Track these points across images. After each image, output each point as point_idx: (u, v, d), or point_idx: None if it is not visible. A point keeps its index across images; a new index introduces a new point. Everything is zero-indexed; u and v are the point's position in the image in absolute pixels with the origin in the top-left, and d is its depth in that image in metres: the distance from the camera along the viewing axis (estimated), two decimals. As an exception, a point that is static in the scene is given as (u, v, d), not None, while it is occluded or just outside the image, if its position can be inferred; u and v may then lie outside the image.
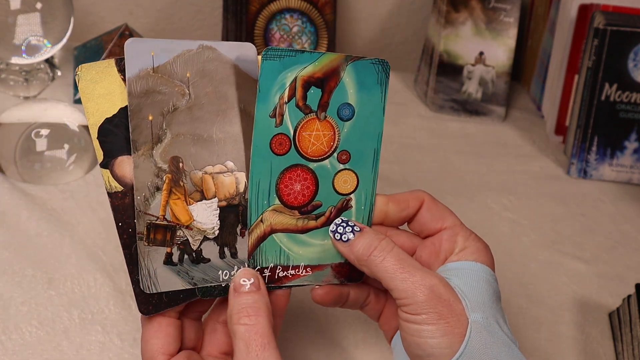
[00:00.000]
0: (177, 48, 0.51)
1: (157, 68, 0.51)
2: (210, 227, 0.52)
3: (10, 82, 0.93)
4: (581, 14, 0.97)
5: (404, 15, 1.17)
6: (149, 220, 0.51)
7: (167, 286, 0.51)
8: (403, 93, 1.10)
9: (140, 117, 0.51)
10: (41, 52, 0.90)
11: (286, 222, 0.54)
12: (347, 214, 0.55)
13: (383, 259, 0.51)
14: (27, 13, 0.88)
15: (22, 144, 0.79)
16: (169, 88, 0.51)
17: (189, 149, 0.52)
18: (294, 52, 0.52)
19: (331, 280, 0.55)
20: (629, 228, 0.86)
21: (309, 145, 0.53)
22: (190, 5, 1.12)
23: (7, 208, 0.75)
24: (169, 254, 0.52)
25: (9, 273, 0.68)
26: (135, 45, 0.51)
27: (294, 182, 0.53)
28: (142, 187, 0.51)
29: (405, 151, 0.96)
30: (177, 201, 0.52)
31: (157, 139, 0.51)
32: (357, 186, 0.55)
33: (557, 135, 1.02)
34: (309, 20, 1.03)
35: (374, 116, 0.55)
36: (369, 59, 0.54)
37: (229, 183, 0.53)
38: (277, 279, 0.54)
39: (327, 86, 0.53)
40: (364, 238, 0.52)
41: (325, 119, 0.54)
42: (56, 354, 0.61)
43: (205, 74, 0.52)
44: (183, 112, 0.52)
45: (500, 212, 0.86)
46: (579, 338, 0.70)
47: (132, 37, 0.95)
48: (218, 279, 0.53)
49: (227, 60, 0.52)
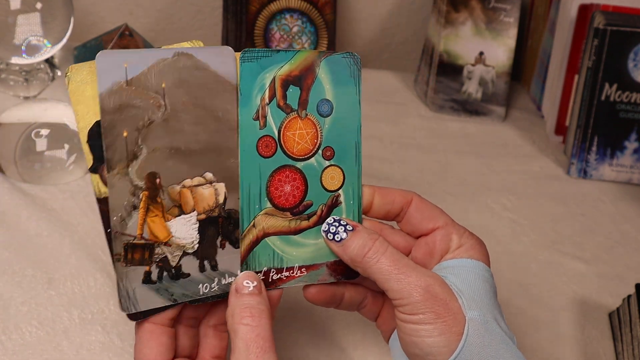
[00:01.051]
0: (152, 57, 0.49)
1: (131, 80, 0.49)
2: (189, 242, 0.51)
3: (10, 82, 0.93)
4: (581, 14, 0.97)
5: (404, 15, 1.17)
6: (126, 241, 0.49)
7: (146, 305, 0.50)
8: (403, 93, 1.10)
9: (114, 134, 0.48)
10: (41, 52, 0.90)
11: (279, 225, 0.53)
12: (338, 210, 0.55)
13: (377, 260, 0.50)
14: (27, 13, 0.88)
15: (22, 144, 0.79)
16: (143, 101, 0.49)
17: (166, 163, 0.50)
18: (269, 52, 0.52)
19: (327, 279, 0.55)
20: (629, 228, 0.86)
21: (294, 144, 0.53)
22: (190, 5, 1.12)
23: (7, 208, 0.75)
24: (147, 272, 0.50)
25: (9, 273, 0.68)
26: (107, 58, 0.48)
27: (284, 183, 0.53)
28: (118, 207, 0.49)
29: (405, 151, 0.96)
30: (155, 218, 0.50)
31: (132, 156, 0.49)
32: (343, 181, 0.55)
33: (557, 135, 1.02)
34: (309, 20, 1.03)
35: (352, 110, 0.55)
36: (339, 53, 0.54)
37: (208, 195, 0.51)
38: (271, 282, 0.53)
39: (304, 84, 0.53)
40: (357, 238, 0.52)
41: (306, 116, 0.53)
42: (56, 354, 0.61)
43: (182, 83, 0.50)
44: (159, 125, 0.50)
45: (500, 212, 0.86)
46: (579, 338, 0.70)
47: (132, 37, 0.95)
48: (198, 292, 0.52)
49: (204, 67, 0.51)
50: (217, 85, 0.51)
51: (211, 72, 0.51)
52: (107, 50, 0.48)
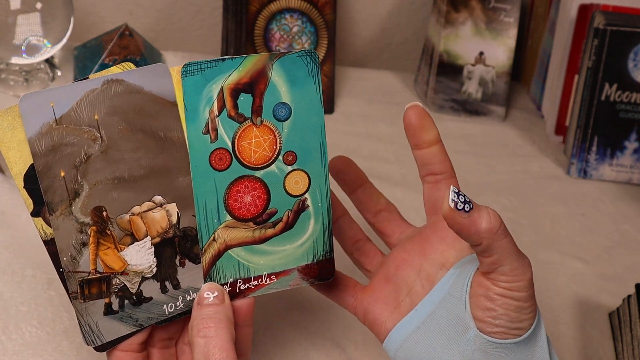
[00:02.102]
0: (79, 91, 0.47)
1: (61, 119, 0.47)
2: (147, 267, 0.50)
3: (10, 82, 0.93)
4: (581, 14, 0.97)
5: (404, 15, 1.17)
6: (81, 278, 0.48)
7: (111, 335, 0.50)
8: (403, 93, 1.10)
9: (51, 176, 0.47)
10: (41, 52, 0.90)
11: (241, 236, 0.52)
12: (306, 214, 0.53)
13: (506, 235, 0.50)
14: (27, 13, 0.88)
15: (22, 144, 0.79)
16: (77, 137, 0.47)
17: (110, 194, 0.49)
18: (214, 62, 0.50)
19: (300, 283, 0.54)
20: (629, 228, 0.86)
21: (250, 154, 0.52)
22: (190, 5, 1.12)
23: (7, 208, 0.75)
24: (108, 304, 0.50)
25: (9, 273, 0.68)
26: (30, 101, 0.46)
27: (242, 194, 0.52)
28: (67, 247, 0.48)
29: (405, 151, 0.96)
30: (107, 250, 0.49)
31: (73, 194, 0.48)
32: (309, 185, 0.53)
33: (557, 135, 1.02)
34: (309, 20, 1.04)
35: (312, 110, 0.53)
36: (294, 52, 0.52)
37: (160, 218, 0.50)
38: (239, 292, 0.52)
39: (256, 90, 0.51)
40: (485, 211, 0.50)
41: (262, 123, 0.51)
42: (56, 354, 0.61)
43: (115, 111, 0.48)
44: (98, 158, 0.48)
45: (500, 212, 0.86)
46: (579, 338, 0.70)
47: (132, 37, 0.95)
48: (164, 313, 0.51)
49: (138, 90, 0.49)
50: (154, 106, 0.49)
51: (146, 94, 0.49)
52: (28, 93, 0.47)
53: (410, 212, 0.67)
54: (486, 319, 0.50)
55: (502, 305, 0.50)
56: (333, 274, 0.55)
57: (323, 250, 0.55)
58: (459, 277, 0.53)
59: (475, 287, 0.51)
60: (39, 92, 0.47)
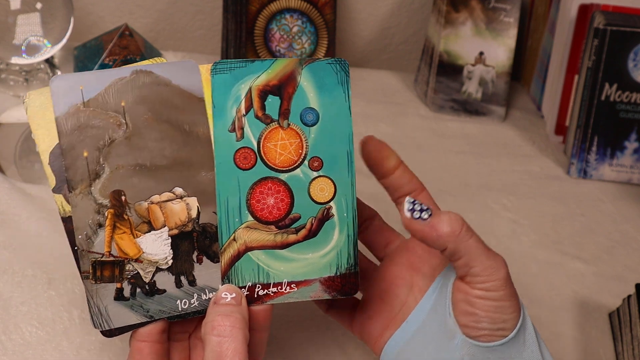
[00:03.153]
0: (108, 78, 0.49)
1: (88, 102, 0.49)
2: (162, 258, 0.50)
3: (10, 82, 0.93)
4: (581, 14, 0.97)
5: (404, 15, 1.17)
6: (94, 258, 0.49)
7: (120, 322, 0.50)
8: (403, 93, 1.10)
9: (74, 155, 0.49)
10: (41, 52, 0.90)
11: (262, 239, 0.51)
12: (330, 223, 0.52)
13: (471, 236, 0.50)
14: (27, 13, 0.88)
15: (22, 144, 0.79)
16: (103, 121, 0.49)
17: (131, 180, 0.49)
18: (244, 62, 0.51)
19: (321, 295, 0.53)
20: (629, 228, 0.86)
21: (276, 155, 0.51)
22: (190, 5, 1.12)
23: (7, 208, 0.75)
24: (119, 289, 0.50)
25: (9, 273, 0.68)
26: (61, 82, 0.48)
27: (266, 196, 0.51)
28: (83, 226, 0.49)
29: (405, 151, 0.96)
30: (123, 235, 0.50)
31: (94, 175, 0.49)
32: (335, 193, 0.52)
33: (557, 135, 1.02)
34: (309, 20, 1.04)
35: (341, 117, 0.52)
36: (324, 59, 0.52)
37: (179, 210, 0.50)
38: (257, 298, 0.51)
39: (285, 93, 0.51)
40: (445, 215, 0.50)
41: (289, 126, 0.51)
42: (56, 354, 0.61)
43: (142, 100, 0.49)
44: (121, 144, 0.49)
45: (500, 212, 0.86)
46: (579, 338, 0.70)
47: (132, 37, 0.95)
48: (177, 308, 0.51)
49: (166, 82, 0.50)
50: (181, 99, 0.50)
51: (174, 87, 0.50)
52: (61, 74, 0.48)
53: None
54: (470, 323, 0.50)
55: (482, 308, 0.50)
56: (357, 289, 0.53)
57: (347, 264, 0.53)
58: (443, 285, 0.53)
59: (456, 293, 0.51)
60: (71, 74, 0.49)
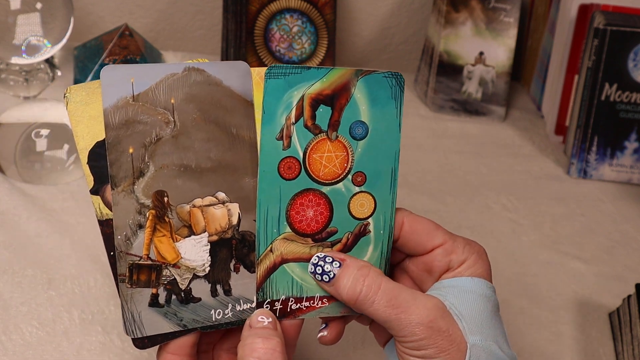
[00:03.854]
0: (160, 72, 0.47)
1: (138, 96, 0.47)
2: (200, 264, 0.49)
3: (10, 82, 0.93)
4: (581, 14, 0.97)
5: (404, 15, 1.17)
6: (132, 261, 0.47)
7: (153, 329, 0.48)
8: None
9: (120, 150, 0.46)
10: (41, 52, 0.90)
11: (298, 251, 0.50)
12: (366, 239, 0.51)
13: (373, 302, 0.48)
14: (27, 13, 0.88)
15: (22, 144, 0.79)
16: (151, 117, 0.47)
17: (174, 181, 0.47)
18: (299, 69, 0.49)
19: (350, 311, 0.51)
20: (629, 228, 0.86)
21: (320, 167, 0.50)
22: (190, 5, 1.12)
23: (7, 208, 0.75)
24: (154, 295, 0.48)
25: (9, 273, 0.68)
26: (113, 73, 0.46)
27: (306, 208, 0.50)
28: (123, 225, 0.47)
29: (405, 151, 0.96)
30: (163, 238, 0.48)
31: (138, 173, 0.47)
32: (374, 209, 0.51)
33: (557, 135, 1.02)
34: (309, 20, 1.03)
35: (390, 133, 0.51)
36: (381, 72, 0.51)
37: (221, 216, 0.49)
38: (289, 312, 0.50)
39: (337, 104, 0.49)
40: (346, 275, 0.48)
41: (336, 138, 0.50)
42: (56, 355, 0.61)
43: (192, 99, 0.48)
44: (168, 142, 0.47)
45: (500, 212, 0.86)
46: (579, 338, 0.70)
47: (132, 37, 0.95)
48: (210, 318, 0.49)
49: (217, 82, 0.48)
50: (230, 101, 0.48)
51: (224, 88, 0.48)
52: (112, 64, 0.47)
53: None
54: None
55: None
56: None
57: None
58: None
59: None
60: (122, 65, 0.47)
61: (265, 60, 1.03)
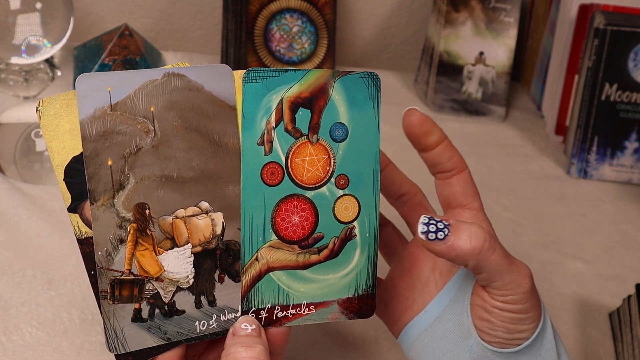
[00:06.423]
0: (139, 79, 0.45)
1: (116, 105, 0.45)
2: (183, 277, 0.47)
3: (10, 82, 0.93)
4: (581, 14, 0.97)
5: (404, 15, 1.17)
6: (113, 277, 0.46)
7: (136, 345, 0.47)
8: (403, 93, 1.10)
9: (98, 163, 0.45)
10: (41, 52, 0.90)
11: (285, 259, 0.49)
12: (352, 244, 0.51)
13: (495, 249, 0.48)
14: (27, 13, 0.88)
15: (22, 144, 0.79)
16: (130, 126, 0.45)
17: (156, 192, 0.46)
18: (277, 72, 0.48)
19: (339, 317, 0.51)
20: (629, 228, 0.86)
21: (303, 172, 0.49)
22: (190, 5, 1.12)
23: (7, 208, 0.75)
24: (137, 310, 0.47)
25: (9, 273, 0.68)
26: (89, 82, 0.44)
27: (291, 214, 0.49)
28: (103, 241, 0.45)
29: (405, 151, 0.96)
30: (145, 252, 0.46)
31: (118, 186, 0.45)
32: (359, 212, 0.51)
33: (557, 135, 1.02)
34: (309, 20, 1.04)
35: (369, 134, 0.51)
36: (357, 73, 0.50)
37: (204, 226, 0.47)
38: (275, 320, 0.50)
39: (316, 106, 0.49)
40: (463, 230, 0.47)
41: (317, 141, 0.49)
42: (56, 355, 0.61)
43: (173, 106, 0.46)
44: (148, 152, 0.46)
45: (500, 212, 0.86)
46: (579, 338, 0.70)
47: (132, 37, 0.95)
48: (195, 330, 0.48)
49: (198, 88, 0.46)
50: (212, 107, 0.47)
51: (206, 93, 0.47)
52: (87, 73, 0.45)
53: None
54: (485, 329, 0.50)
55: (498, 318, 0.49)
56: (374, 311, 0.52)
57: (366, 285, 0.52)
58: (464, 282, 0.52)
59: (475, 297, 0.51)
60: (99, 73, 0.45)
61: (265, 60, 1.03)
